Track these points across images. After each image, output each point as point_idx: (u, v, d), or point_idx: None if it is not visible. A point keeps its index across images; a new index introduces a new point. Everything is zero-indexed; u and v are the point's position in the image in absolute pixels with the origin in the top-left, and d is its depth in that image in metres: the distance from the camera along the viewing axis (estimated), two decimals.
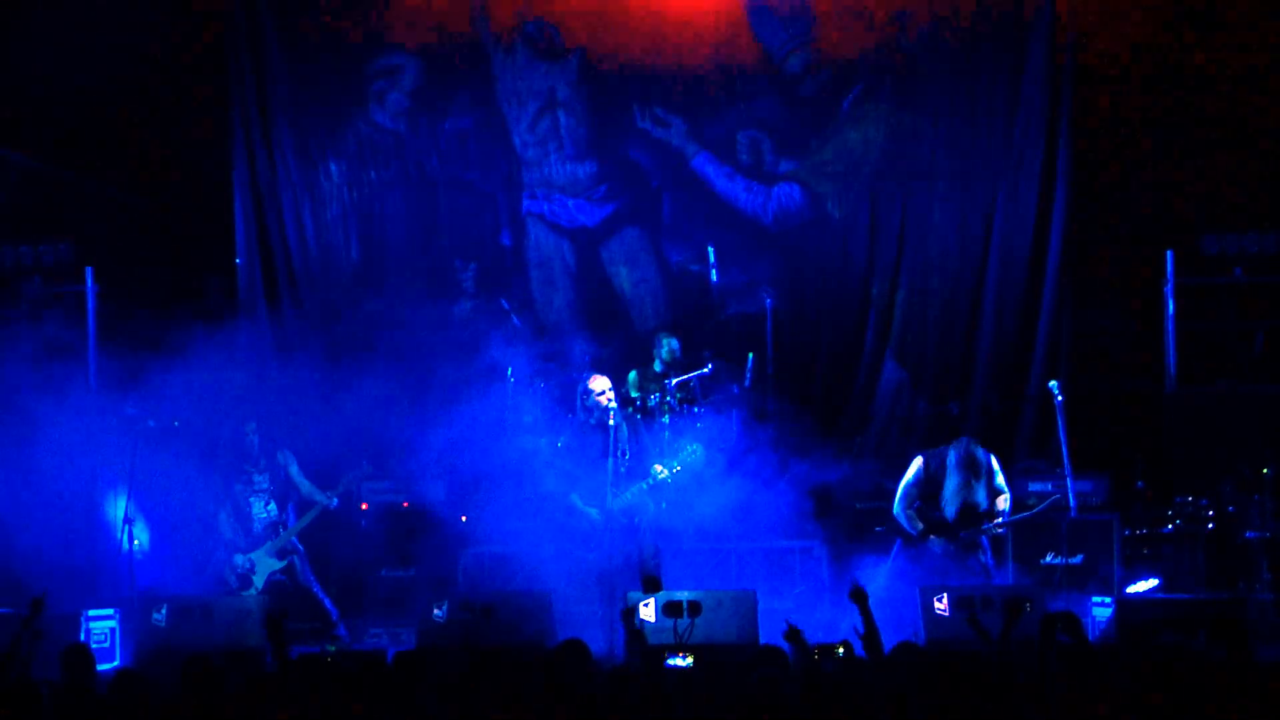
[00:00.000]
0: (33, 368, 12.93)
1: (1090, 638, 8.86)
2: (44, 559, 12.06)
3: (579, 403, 12.04)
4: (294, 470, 12.27)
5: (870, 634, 7.86)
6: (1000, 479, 11.59)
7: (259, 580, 11.99)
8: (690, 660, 8.83)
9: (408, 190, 15.00)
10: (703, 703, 6.90)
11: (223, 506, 12.20)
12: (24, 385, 12.76)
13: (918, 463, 11.65)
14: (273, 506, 12.20)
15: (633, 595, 10.71)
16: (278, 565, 12.06)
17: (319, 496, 12.23)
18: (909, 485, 11.63)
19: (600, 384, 11.87)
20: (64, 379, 13.00)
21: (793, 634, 7.94)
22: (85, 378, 13.40)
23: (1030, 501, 12.25)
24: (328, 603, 12.15)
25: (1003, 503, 11.55)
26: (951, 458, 11.47)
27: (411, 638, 11.19)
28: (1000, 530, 11.74)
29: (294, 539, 12.18)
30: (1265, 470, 12.85)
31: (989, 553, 11.62)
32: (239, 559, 12.03)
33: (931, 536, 11.49)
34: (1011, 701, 6.74)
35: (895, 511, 11.69)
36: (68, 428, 12.74)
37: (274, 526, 12.16)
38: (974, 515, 11.49)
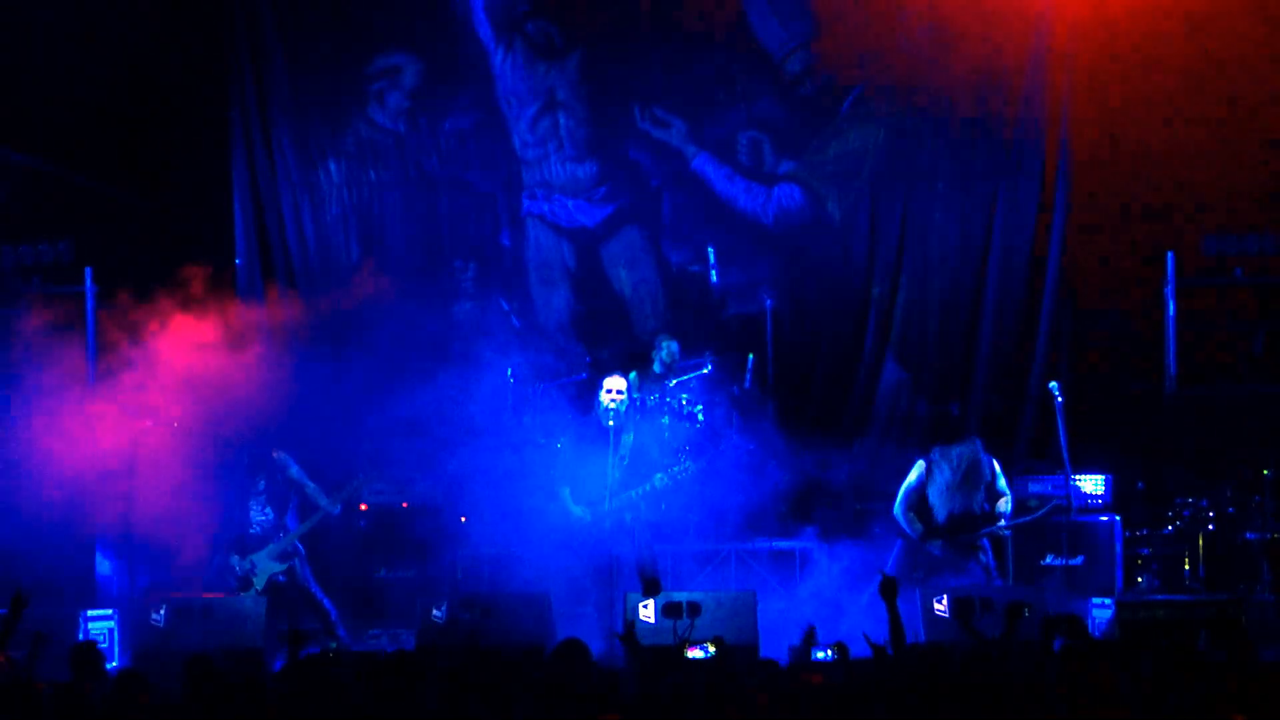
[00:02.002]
0: (31, 367, 12.92)
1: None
2: (43, 560, 12.05)
3: (596, 399, 11.98)
4: (294, 471, 12.14)
5: (895, 629, 7.82)
6: (1002, 482, 11.58)
7: (259, 582, 11.93)
8: (713, 650, 8.78)
9: (407, 190, 14.99)
10: (704, 703, 6.88)
11: (219, 509, 12.13)
12: (22, 385, 12.76)
13: (920, 466, 11.64)
14: (269, 510, 12.07)
15: (632, 597, 10.70)
16: (279, 568, 11.96)
17: (322, 501, 12.08)
18: (910, 488, 11.62)
19: (614, 383, 11.75)
20: (63, 379, 12.99)
21: (810, 636, 7.97)
22: (84, 378, 13.39)
23: (1031, 504, 12.23)
24: (327, 603, 12.08)
25: (1004, 505, 11.53)
26: (954, 460, 11.45)
27: (411, 638, 11.18)
28: (1004, 532, 11.73)
29: (296, 541, 12.11)
30: (1265, 471, 12.86)
31: (989, 554, 11.60)
32: (235, 560, 11.97)
33: (932, 539, 11.48)
34: (1011, 702, 6.74)
35: (896, 513, 11.67)
36: (66, 427, 12.73)
37: (272, 530, 12.05)
38: (972, 519, 11.47)
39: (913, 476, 11.62)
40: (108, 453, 12.89)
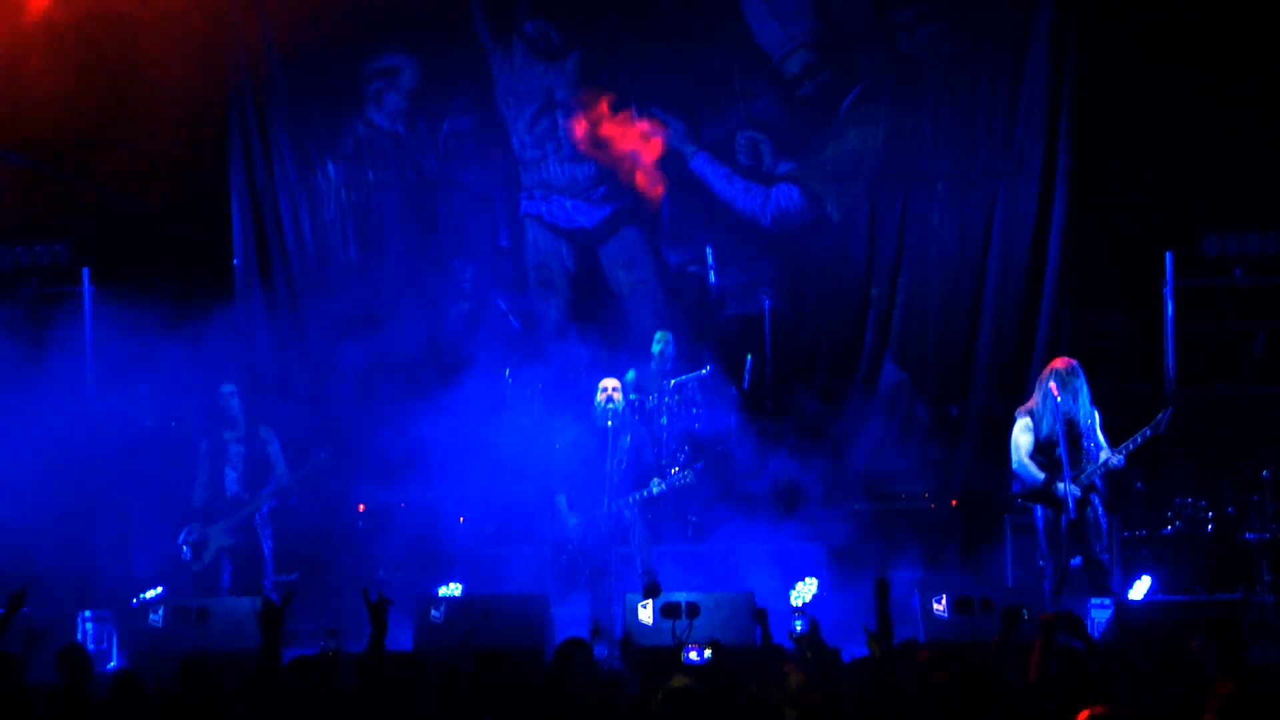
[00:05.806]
0: (29, 368, 12.92)
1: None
2: (41, 560, 12.05)
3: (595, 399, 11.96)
4: (274, 449, 12.05)
5: (882, 628, 7.81)
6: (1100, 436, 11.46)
7: (208, 556, 11.82)
8: (709, 653, 8.79)
9: (405, 191, 14.98)
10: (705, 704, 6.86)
11: (197, 473, 12.00)
12: (21, 386, 12.75)
13: (1024, 421, 11.47)
14: (242, 482, 11.95)
15: (631, 597, 10.69)
16: (227, 542, 11.87)
17: (280, 467, 12.00)
18: (1020, 439, 11.45)
19: (610, 383, 11.76)
20: (61, 380, 12.99)
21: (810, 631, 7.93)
22: (82, 379, 13.38)
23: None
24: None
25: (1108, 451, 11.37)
26: (1047, 397, 11.32)
27: (410, 639, 11.17)
28: (1117, 464, 11.42)
29: (259, 518, 11.94)
30: (1265, 472, 12.85)
31: (1102, 498, 11.45)
32: (196, 527, 11.86)
33: (1057, 482, 11.31)
34: (1011, 702, 6.72)
35: (1016, 466, 11.45)
36: (64, 428, 12.72)
37: (236, 503, 11.93)
38: (1081, 449, 11.32)
39: (1018, 429, 11.47)
40: (107, 453, 12.90)
